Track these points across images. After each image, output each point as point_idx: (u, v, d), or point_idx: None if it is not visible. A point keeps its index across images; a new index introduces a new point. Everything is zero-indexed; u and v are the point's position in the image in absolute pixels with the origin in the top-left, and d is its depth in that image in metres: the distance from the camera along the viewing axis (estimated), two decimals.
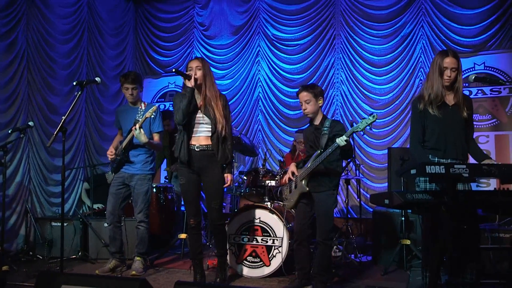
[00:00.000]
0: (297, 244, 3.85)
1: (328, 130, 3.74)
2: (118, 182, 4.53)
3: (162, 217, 5.75)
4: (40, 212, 5.97)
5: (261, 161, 6.19)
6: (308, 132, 3.96)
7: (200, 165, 3.85)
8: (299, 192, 3.83)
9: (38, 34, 6.03)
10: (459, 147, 3.30)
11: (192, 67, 3.81)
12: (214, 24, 7.71)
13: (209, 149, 3.82)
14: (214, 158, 3.84)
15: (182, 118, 3.77)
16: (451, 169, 2.50)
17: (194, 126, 3.84)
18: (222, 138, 3.83)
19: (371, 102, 6.75)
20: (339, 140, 3.44)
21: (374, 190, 6.54)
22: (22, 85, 5.84)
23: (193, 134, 3.85)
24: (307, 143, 3.95)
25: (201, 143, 3.83)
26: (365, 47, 6.81)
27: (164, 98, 7.89)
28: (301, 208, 3.86)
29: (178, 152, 3.86)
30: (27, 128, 4.66)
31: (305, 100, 3.79)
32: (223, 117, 3.80)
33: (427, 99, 3.32)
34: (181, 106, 3.75)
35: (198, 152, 3.83)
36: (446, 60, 3.27)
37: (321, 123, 3.84)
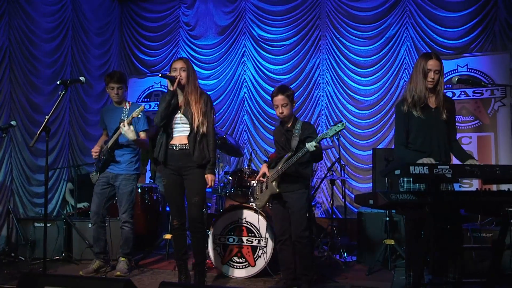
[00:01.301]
0: (280, 244, 3.86)
1: (299, 132, 3.76)
2: (103, 182, 4.49)
3: (147, 218, 5.72)
4: (23, 213, 5.88)
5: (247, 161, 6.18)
6: (279, 133, 3.96)
7: (180, 165, 3.79)
8: (269, 192, 3.86)
9: (21, 32, 5.94)
10: (442, 148, 3.34)
11: (176, 68, 3.76)
12: (200, 24, 7.69)
13: (187, 148, 3.77)
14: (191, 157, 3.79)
15: (160, 120, 3.78)
16: (434, 169, 2.53)
17: (173, 126, 3.82)
18: (200, 137, 3.75)
19: (356, 103, 6.80)
20: (309, 145, 3.50)
21: (359, 191, 6.59)
22: (4, 84, 5.76)
23: (173, 134, 3.82)
24: (278, 144, 3.96)
25: (181, 142, 3.79)
26: (351, 48, 6.86)
27: (149, 98, 7.84)
28: (277, 210, 3.88)
29: (156, 153, 3.85)
30: (10, 127, 4.60)
31: (282, 103, 3.76)
32: (201, 115, 3.74)
33: (411, 101, 3.36)
34: (160, 108, 3.76)
35: (177, 152, 3.78)
36: (430, 62, 3.30)
37: (293, 125, 3.85)
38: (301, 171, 3.77)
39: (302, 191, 3.76)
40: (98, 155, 4.53)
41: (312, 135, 3.74)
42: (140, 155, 4.71)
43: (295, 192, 3.75)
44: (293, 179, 3.76)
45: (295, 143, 3.73)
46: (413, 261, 3.37)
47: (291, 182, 3.76)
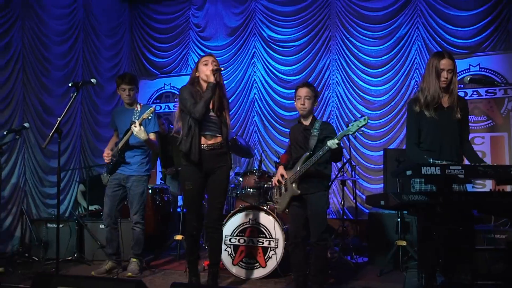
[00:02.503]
0: (293, 247, 3.81)
1: (318, 132, 3.72)
2: (114, 184, 4.52)
3: (158, 219, 5.74)
4: (36, 214, 5.95)
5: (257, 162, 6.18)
6: (297, 131, 3.90)
7: (209, 165, 3.75)
8: (290, 195, 3.79)
9: (33, 35, 6.02)
10: (454, 149, 3.30)
11: (208, 61, 3.72)
12: (210, 25, 7.71)
13: (218, 148, 3.74)
14: (222, 157, 3.78)
15: (203, 111, 3.60)
16: (446, 170, 2.50)
17: (205, 124, 3.71)
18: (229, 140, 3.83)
19: (366, 103, 6.77)
20: (331, 143, 3.43)
21: (370, 191, 6.56)
22: (18, 87, 5.83)
23: (204, 132, 3.71)
24: (295, 144, 3.90)
25: (209, 142, 3.72)
26: (361, 48, 6.83)
27: (160, 99, 7.88)
28: (294, 211, 3.82)
29: (187, 150, 3.65)
30: (23, 129, 4.65)
31: (306, 95, 3.75)
32: (229, 121, 3.80)
33: (423, 101, 3.32)
34: (203, 99, 3.59)
35: (208, 152, 3.73)
36: (443, 61, 3.27)
37: (311, 124, 3.81)
38: (321, 172, 3.71)
39: (322, 193, 3.71)
40: (111, 158, 4.55)
41: (331, 134, 3.70)
42: (150, 156, 4.74)
43: (315, 193, 3.69)
44: (313, 180, 3.71)
45: (314, 142, 3.68)
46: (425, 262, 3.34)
47: (311, 183, 3.71)
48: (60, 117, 3.66)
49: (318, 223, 3.65)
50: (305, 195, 3.73)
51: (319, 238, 3.63)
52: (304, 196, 3.73)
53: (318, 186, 3.71)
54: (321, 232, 3.64)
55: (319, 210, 3.67)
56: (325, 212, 3.71)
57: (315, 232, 3.65)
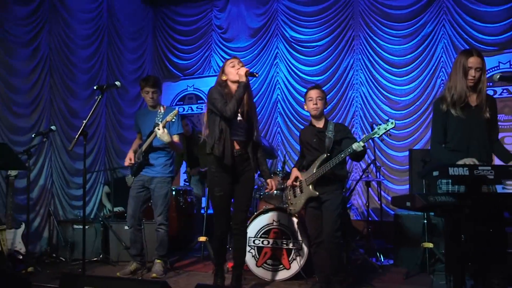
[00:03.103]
0: (314, 247, 3.82)
1: (333, 133, 3.72)
2: (138, 185, 4.57)
3: (181, 220, 5.78)
4: (63, 215, 6.07)
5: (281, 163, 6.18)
6: (309, 134, 3.88)
7: (238, 169, 3.73)
8: (306, 196, 3.79)
9: (60, 39, 6.15)
10: (482, 149, 3.22)
11: (234, 62, 3.71)
12: (232, 26, 7.74)
13: (244, 153, 3.72)
14: (247, 162, 3.75)
15: (236, 110, 3.53)
16: (475, 171, 2.45)
17: (232, 128, 3.67)
18: (257, 144, 3.78)
19: (391, 103, 6.69)
20: (356, 145, 3.43)
21: (395, 193, 6.47)
22: (45, 90, 5.96)
23: (232, 137, 3.67)
24: (308, 146, 3.87)
25: (238, 147, 3.70)
26: (385, 47, 6.75)
27: (183, 101, 7.94)
28: (312, 212, 3.82)
29: (220, 154, 3.60)
30: (50, 132, 4.75)
31: (317, 96, 3.75)
32: (257, 126, 3.78)
33: (450, 100, 3.24)
34: (234, 98, 3.53)
35: (236, 157, 3.69)
36: (471, 59, 3.19)
37: (325, 126, 3.81)
38: (337, 173, 3.72)
39: (338, 192, 3.74)
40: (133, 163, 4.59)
41: (349, 135, 3.73)
42: (174, 158, 4.77)
43: (332, 192, 3.71)
44: (330, 181, 3.72)
45: (329, 144, 3.69)
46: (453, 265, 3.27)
47: (327, 183, 3.72)
48: (85, 120, 3.70)
49: (331, 221, 3.64)
50: (321, 195, 3.73)
51: (332, 236, 3.63)
52: (321, 196, 3.74)
53: (334, 186, 3.73)
54: (334, 230, 3.63)
55: (333, 209, 3.67)
56: (339, 211, 3.70)
57: (328, 230, 3.65)
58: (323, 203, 3.74)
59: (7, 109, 5.45)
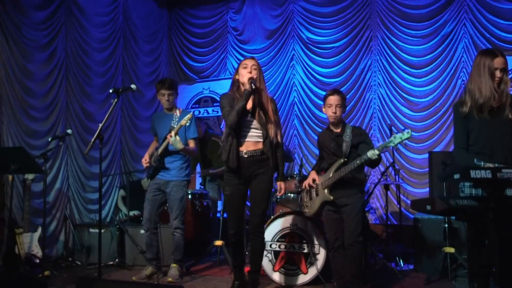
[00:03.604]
0: (333, 251, 3.81)
1: (350, 138, 3.72)
2: (154, 189, 4.60)
3: (197, 224, 5.79)
4: (78, 219, 6.14)
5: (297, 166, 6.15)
6: (327, 138, 3.88)
7: (249, 172, 3.72)
8: (321, 200, 3.80)
9: (76, 43, 6.23)
10: (507, 151, 3.16)
11: (247, 65, 3.69)
12: (247, 28, 7.75)
13: (258, 155, 3.70)
14: (264, 163, 3.72)
15: (236, 120, 3.60)
16: (498, 173, 2.42)
17: (243, 130, 3.70)
18: (275, 146, 3.73)
19: (410, 104, 6.62)
20: (371, 153, 3.45)
21: (414, 196, 6.39)
22: (61, 94, 6.04)
23: (242, 138, 3.69)
24: (327, 151, 3.87)
25: (249, 148, 3.69)
26: (403, 48, 6.69)
27: (198, 104, 7.97)
28: (330, 216, 3.82)
29: (226, 157, 3.68)
30: (66, 136, 4.78)
31: (337, 104, 3.74)
32: (275, 125, 3.73)
33: (473, 103, 3.18)
34: (236, 107, 3.59)
35: (246, 159, 3.69)
36: (497, 60, 3.12)
37: (342, 130, 3.81)
38: (356, 176, 3.71)
39: (358, 196, 3.72)
40: (149, 164, 4.63)
41: (366, 140, 3.72)
42: (190, 162, 4.79)
43: (351, 196, 3.70)
44: (348, 185, 3.71)
45: (347, 148, 3.68)
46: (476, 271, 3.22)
47: (346, 187, 3.71)
48: (101, 123, 3.73)
49: (353, 226, 3.64)
50: (339, 199, 3.72)
51: (353, 240, 3.62)
52: (339, 201, 3.72)
53: (353, 190, 3.72)
54: (355, 235, 3.63)
55: (354, 212, 3.66)
56: (360, 215, 3.70)
57: (349, 234, 3.64)
58: (342, 207, 3.72)
59: (24, 113, 5.54)
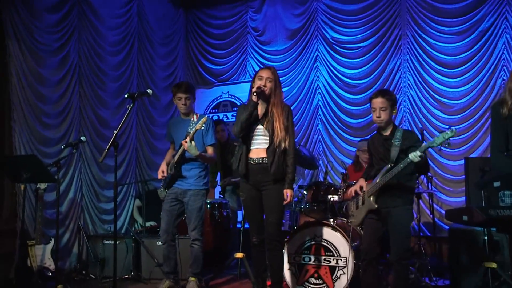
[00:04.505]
0: (365, 264, 3.76)
1: (400, 142, 3.66)
2: (171, 198, 4.62)
3: (217, 235, 5.80)
4: (92, 230, 6.20)
5: (322, 174, 6.12)
6: (376, 142, 3.87)
7: (258, 179, 3.91)
8: (366, 209, 3.77)
9: (89, 47, 6.32)
10: None
11: (262, 77, 3.89)
12: (268, 28, 7.76)
13: (264, 162, 3.87)
14: None
15: (240, 131, 3.89)
16: None
17: (252, 138, 3.93)
18: (281, 152, 3.85)
19: (444, 107, 6.52)
20: (413, 156, 3.39)
21: (449, 205, 6.28)
22: (74, 100, 6.13)
23: (251, 146, 3.94)
24: (375, 155, 3.86)
25: (259, 155, 3.90)
26: (436, 46, 6.60)
27: (217, 108, 8.00)
28: (371, 225, 3.78)
29: (236, 165, 3.97)
30: (80, 143, 4.81)
31: (381, 107, 3.71)
32: (283, 130, 3.85)
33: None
34: (240, 118, 3.86)
35: (255, 166, 3.90)
36: None
37: (392, 133, 3.76)
38: (404, 184, 3.66)
39: (406, 207, 3.67)
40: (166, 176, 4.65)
41: (416, 144, 3.66)
42: (208, 169, 4.81)
43: (398, 207, 3.64)
44: (395, 193, 3.66)
45: (395, 153, 3.64)
46: None
47: (393, 196, 3.66)
48: (116, 130, 3.76)
49: (401, 240, 3.59)
50: (385, 209, 3.67)
51: (401, 257, 3.57)
52: (384, 210, 3.68)
53: (401, 200, 3.65)
54: (403, 251, 3.57)
55: (402, 225, 3.62)
56: (408, 228, 3.67)
57: (397, 250, 3.59)
58: (388, 218, 3.67)
59: (36, 119, 5.63)
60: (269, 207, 3.91)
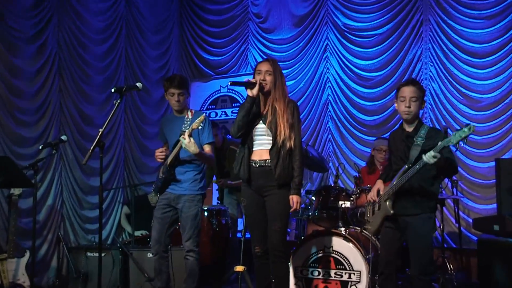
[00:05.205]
0: (382, 279, 3.74)
1: (423, 141, 3.61)
2: (164, 204, 4.59)
3: (214, 246, 5.78)
4: (74, 241, 6.21)
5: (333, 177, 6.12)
6: (397, 139, 3.82)
7: (260, 183, 3.92)
8: (382, 214, 3.73)
9: (70, 34, 6.33)
10: None
11: (261, 71, 3.89)
12: (272, 14, 7.78)
13: (267, 165, 3.88)
14: None
15: (237, 131, 3.93)
16: None
17: (253, 138, 3.95)
18: (286, 152, 3.85)
19: (471, 102, 6.51)
20: (427, 156, 3.34)
21: (478, 213, 6.24)
22: (53, 94, 6.13)
23: (253, 147, 3.95)
24: (396, 154, 3.82)
25: (262, 157, 3.90)
26: (462, 32, 6.58)
27: (215, 104, 8.00)
28: (388, 235, 3.75)
29: (237, 169, 3.99)
30: (60, 143, 4.81)
31: (411, 96, 3.64)
32: (287, 128, 3.84)
33: None
34: (237, 116, 3.90)
35: (257, 169, 3.91)
36: None
37: (416, 130, 3.71)
38: (426, 189, 3.62)
39: (427, 215, 3.61)
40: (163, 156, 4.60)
41: None
42: (205, 172, 4.80)
43: (418, 216, 3.60)
44: (416, 199, 3.62)
45: (415, 153, 3.57)
46: None
47: (411, 202, 3.62)
48: (102, 128, 3.74)
49: (422, 253, 3.56)
50: (403, 216, 3.64)
51: (422, 271, 3.54)
52: (402, 218, 3.65)
53: (422, 207, 3.61)
54: (425, 264, 3.54)
55: (423, 236, 3.58)
56: (430, 239, 3.65)
57: (417, 263, 3.56)
58: (406, 228, 3.65)
59: (10, 116, 5.62)
60: (273, 214, 3.90)
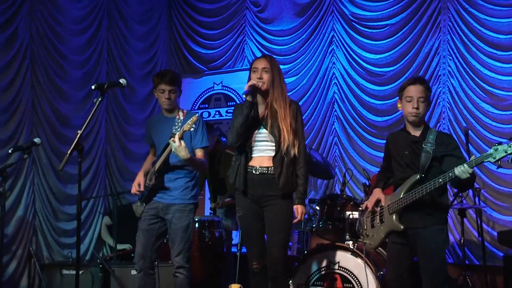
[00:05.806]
0: None
1: (433, 147, 3.62)
2: (150, 215, 4.57)
3: (207, 261, 5.76)
4: (48, 257, 6.18)
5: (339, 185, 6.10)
6: (401, 143, 3.82)
7: (259, 193, 3.91)
8: (387, 229, 3.73)
9: (44, 23, 6.32)
10: None
11: (257, 68, 3.91)
12: (272, 3, 7.79)
13: (270, 172, 3.89)
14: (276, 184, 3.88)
15: (236, 139, 3.91)
16: None
17: (253, 144, 3.95)
18: (290, 160, 3.87)
19: (495, 100, 6.48)
20: (460, 171, 3.30)
21: (504, 226, 6.21)
22: (25, 91, 6.12)
23: (253, 153, 3.95)
24: (399, 159, 3.81)
25: (263, 164, 3.90)
26: (485, 22, 6.55)
27: (207, 103, 8.00)
28: (397, 251, 3.75)
29: (233, 178, 3.98)
30: (32, 146, 4.78)
31: (419, 96, 3.65)
32: (291, 133, 3.86)
33: None
34: (235, 123, 3.88)
35: (257, 176, 3.90)
36: None
37: (423, 135, 3.71)
38: (437, 200, 3.63)
39: (439, 227, 3.62)
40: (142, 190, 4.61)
41: (455, 152, 3.62)
42: (197, 180, 4.78)
43: (429, 228, 3.60)
44: (425, 210, 3.62)
45: (426, 161, 3.59)
46: None
47: (422, 214, 3.63)
48: (80, 130, 3.73)
49: (434, 269, 3.55)
50: (412, 229, 3.63)
51: None
52: (411, 232, 3.64)
53: (432, 218, 3.62)
54: (438, 282, 3.55)
55: (435, 250, 3.58)
56: (443, 254, 3.65)
57: (429, 281, 3.56)
58: (416, 242, 3.64)
59: None
60: (274, 226, 3.90)
